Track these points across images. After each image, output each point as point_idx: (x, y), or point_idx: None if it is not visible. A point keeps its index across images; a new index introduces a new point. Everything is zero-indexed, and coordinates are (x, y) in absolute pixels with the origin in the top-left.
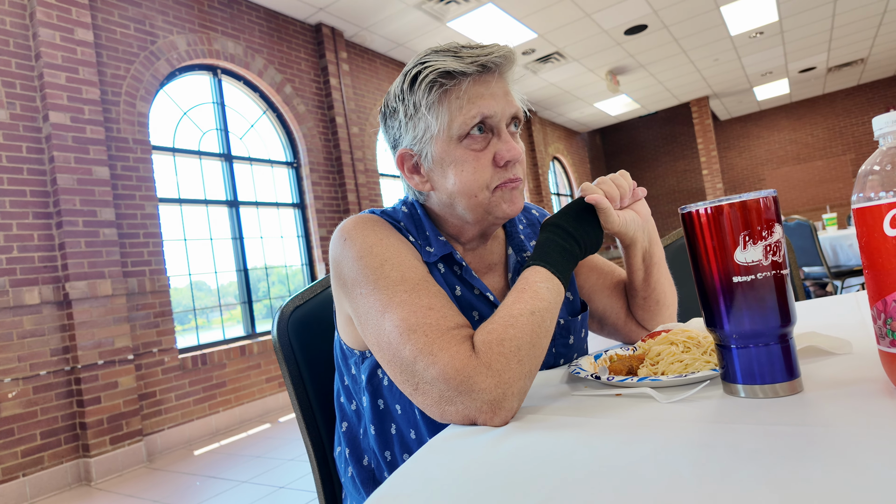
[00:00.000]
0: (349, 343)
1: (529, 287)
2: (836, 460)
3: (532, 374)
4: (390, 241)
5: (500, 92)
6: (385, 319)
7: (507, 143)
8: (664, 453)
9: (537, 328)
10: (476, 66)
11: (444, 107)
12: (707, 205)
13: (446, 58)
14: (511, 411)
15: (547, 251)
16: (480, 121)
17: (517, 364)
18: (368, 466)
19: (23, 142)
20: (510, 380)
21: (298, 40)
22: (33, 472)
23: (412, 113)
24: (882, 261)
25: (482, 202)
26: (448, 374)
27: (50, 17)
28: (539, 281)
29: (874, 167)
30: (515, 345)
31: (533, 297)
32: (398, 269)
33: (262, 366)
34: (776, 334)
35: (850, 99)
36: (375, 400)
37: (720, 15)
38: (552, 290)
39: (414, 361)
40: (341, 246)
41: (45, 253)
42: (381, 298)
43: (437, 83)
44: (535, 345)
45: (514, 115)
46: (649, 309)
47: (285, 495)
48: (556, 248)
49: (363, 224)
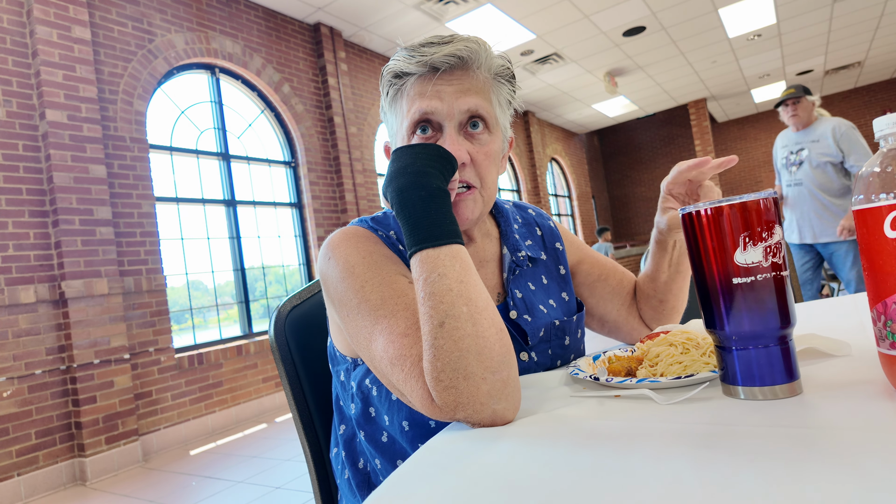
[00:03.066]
0: (341, 350)
1: (424, 291)
2: (836, 462)
3: (493, 368)
4: (373, 258)
5: (449, 90)
6: (372, 346)
7: (448, 145)
8: (663, 455)
9: (458, 334)
10: (421, 66)
11: (398, 106)
12: (707, 206)
13: (402, 57)
14: (497, 413)
15: (409, 221)
16: (423, 119)
17: (465, 382)
18: (364, 469)
19: (19, 139)
20: (470, 399)
21: (297, 40)
22: (28, 471)
23: (385, 109)
24: (882, 263)
25: None
26: (425, 409)
27: (47, 15)
28: (428, 274)
29: (874, 169)
30: (450, 370)
31: (433, 302)
32: (378, 290)
33: (259, 366)
34: (776, 336)
35: (847, 102)
36: (366, 408)
37: (718, 17)
38: (448, 273)
39: (403, 391)
40: (326, 263)
41: (41, 251)
42: (366, 325)
43: (392, 83)
44: (468, 348)
45: (471, 113)
46: (661, 312)
47: (281, 496)
48: (412, 208)
49: (347, 240)
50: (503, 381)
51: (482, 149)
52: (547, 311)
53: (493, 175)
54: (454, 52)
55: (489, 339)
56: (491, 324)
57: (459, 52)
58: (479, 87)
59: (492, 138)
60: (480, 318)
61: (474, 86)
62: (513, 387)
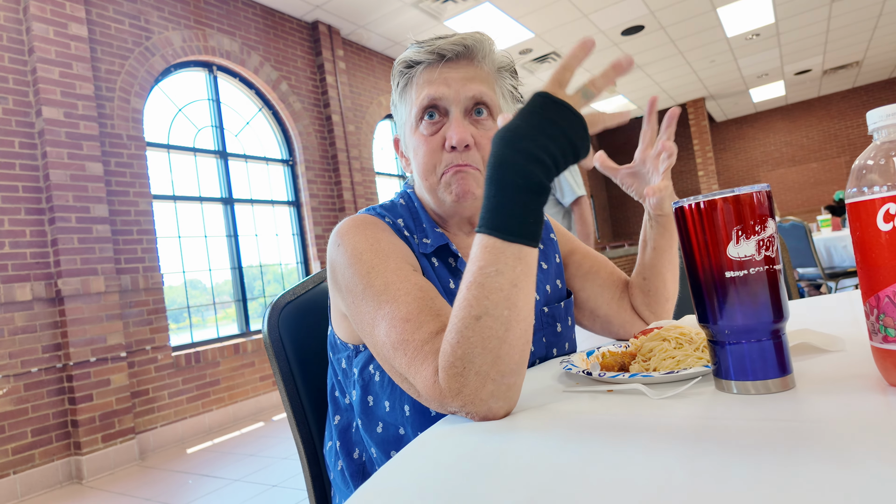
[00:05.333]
0: (343, 338)
1: (475, 279)
2: (829, 456)
3: (506, 373)
4: (381, 246)
5: (455, 77)
6: (375, 331)
7: (455, 127)
8: (655, 449)
9: (489, 333)
10: (430, 54)
11: (407, 95)
12: (700, 199)
13: (412, 49)
14: (493, 411)
15: (493, 200)
16: (430, 105)
17: (475, 377)
18: (359, 459)
19: (15, 137)
20: (472, 393)
21: (295, 38)
22: (24, 469)
23: (396, 102)
24: (875, 256)
25: (433, 186)
26: (426, 396)
27: (44, 12)
28: (487, 265)
29: (868, 161)
30: (467, 361)
31: (479, 293)
32: (383, 276)
33: (256, 364)
34: (769, 330)
35: (846, 101)
36: (365, 396)
37: (717, 16)
38: (505, 272)
39: (405, 376)
40: (336, 249)
41: (38, 249)
42: (370, 310)
43: (402, 73)
44: (492, 349)
45: (476, 99)
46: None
47: (278, 494)
48: (504, 189)
49: (356, 227)
50: (508, 385)
51: (486, 133)
52: (539, 297)
53: None
54: (460, 40)
55: (514, 347)
56: (522, 334)
57: (465, 41)
58: (483, 76)
59: (495, 125)
60: (515, 327)
61: (478, 75)
62: (515, 392)
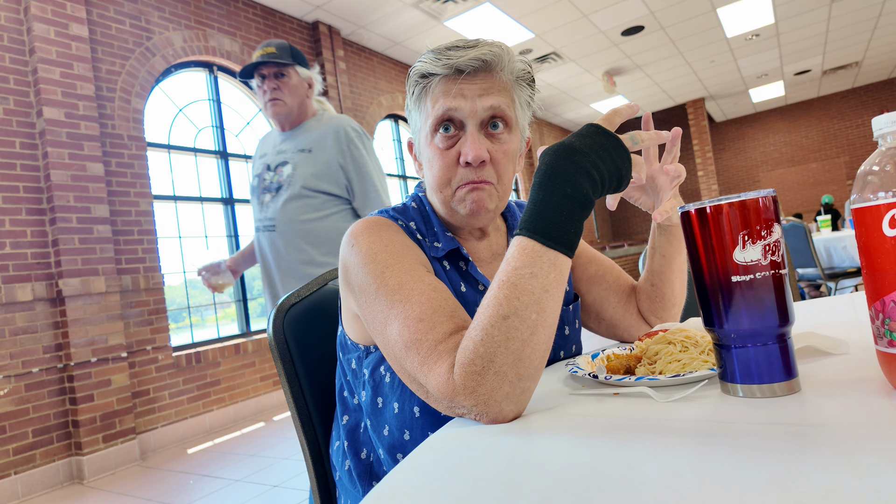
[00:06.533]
0: (354, 338)
1: (508, 279)
2: (834, 459)
3: (523, 376)
4: (395, 247)
5: (472, 90)
6: (387, 331)
7: (470, 143)
8: (662, 452)
9: (514, 334)
10: (446, 68)
11: (422, 104)
12: (707, 204)
13: (428, 59)
14: (504, 413)
15: (540, 205)
16: (446, 118)
17: (494, 377)
18: (367, 460)
19: (16, 137)
20: (487, 393)
21: (295, 38)
22: (25, 469)
23: (410, 107)
24: (881, 261)
25: (447, 199)
26: (437, 395)
27: (44, 12)
28: (522, 266)
29: (873, 167)
30: (487, 360)
31: (510, 293)
32: (397, 276)
33: (257, 364)
34: (774, 334)
35: (845, 102)
36: (375, 397)
37: (717, 17)
38: (539, 276)
39: (416, 376)
40: (349, 250)
41: (38, 249)
42: (382, 310)
43: (417, 83)
44: (514, 350)
45: (493, 112)
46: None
47: (279, 494)
48: (552, 195)
49: (370, 228)
50: (523, 389)
51: (501, 147)
52: None
53: (509, 173)
54: (479, 55)
55: (536, 351)
56: (545, 340)
57: (484, 56)
58: (501, 87)
59: (511, 138)
60: (540, 332)
61: (496, 86)
62: (527, 397)
